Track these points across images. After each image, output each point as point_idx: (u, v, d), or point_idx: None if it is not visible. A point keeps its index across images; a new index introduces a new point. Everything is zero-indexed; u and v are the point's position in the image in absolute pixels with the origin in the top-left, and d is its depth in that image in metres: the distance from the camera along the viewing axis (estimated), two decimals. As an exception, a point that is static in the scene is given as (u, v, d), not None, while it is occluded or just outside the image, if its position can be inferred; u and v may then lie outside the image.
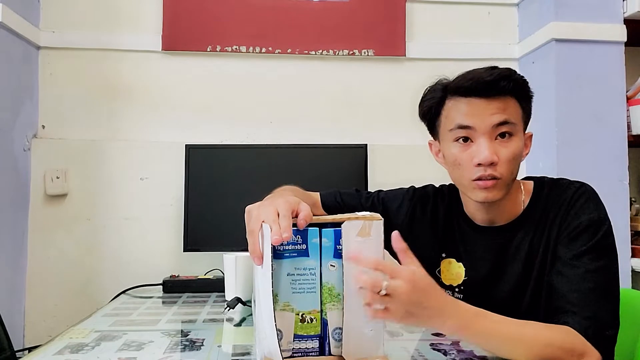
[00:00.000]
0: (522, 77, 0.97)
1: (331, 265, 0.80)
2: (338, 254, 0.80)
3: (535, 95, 1.65)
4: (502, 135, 0.94)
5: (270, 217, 0.76)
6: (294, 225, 0.78)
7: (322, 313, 0.81)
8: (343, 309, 0.79)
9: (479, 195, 0.96)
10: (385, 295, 0.72)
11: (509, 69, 0.96)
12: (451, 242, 1.09)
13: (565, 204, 0.96)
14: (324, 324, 0.80)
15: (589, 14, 1.76)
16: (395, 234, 0.77)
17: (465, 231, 1.07)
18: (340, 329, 0.80)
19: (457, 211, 1.10)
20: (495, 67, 0.96)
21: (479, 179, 0.94)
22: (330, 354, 0.80)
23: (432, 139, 1.07)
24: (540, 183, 1.03)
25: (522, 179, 1.08)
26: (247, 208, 0.82)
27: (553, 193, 1.00)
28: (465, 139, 0.96)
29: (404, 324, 0.78)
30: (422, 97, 1.04)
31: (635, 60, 1.91)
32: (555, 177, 1.05)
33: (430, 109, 1.02)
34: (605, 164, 1.74)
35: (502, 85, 0.93)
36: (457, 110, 0.96)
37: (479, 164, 0.93)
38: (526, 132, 1.01)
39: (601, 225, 0.93)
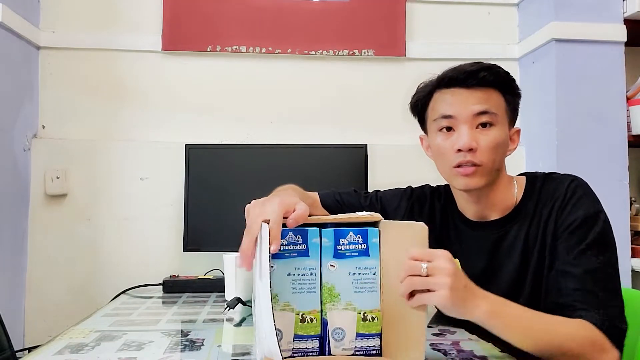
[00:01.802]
0: (507, 72, 1.00)
1: (331, 265, 0.80)
2: (338, 254, 0.80)
3: (535, 95, 1.66)
4: (484, 125, 0.97)
5: (258, 221, 0.77)
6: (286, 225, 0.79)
7: (322, 313, 0.81)
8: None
9: (460, 182, 0.99)
10: (427, 277, 0.75)
11: (493, 64, 0.99)
12: (447, 240, 1.10)
13: (560, 199, 0.97)
14: (324, 324, 0.80)
15: (589, 14, 1.77)
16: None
17: (460, 229, 1.09)
18: (341, 328, 0.80)
19: (451, 209, 1.11)
20: (480, 62, 0.99)
21: (459, 165, 0.97)
22: (330, 354, 0.80)
23: (423, 134, 1.11)
24: (533, 177, 1.05)
25: (517, 175, 1.09)
26: (247, 208, 0.82)
27: (546, 187, 1.01)
28: (449, 129, 0.99)
29: (450, 307, 0.77)
30: (415, 92, 1.08)
31: (635, 60, 1.91)
32: (547, 172, 1.06)
33: (418, 102, 1.07)
34: (605, 164, 1.74)
35: (482, 76, 0.96)
36: (441, 101, 1.00)
37: (459, 150, 0.96)
38: (514, 127, 1.03)
39: (598, 218, 0.94)
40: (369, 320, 0.81)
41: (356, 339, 0.81)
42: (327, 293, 0.80)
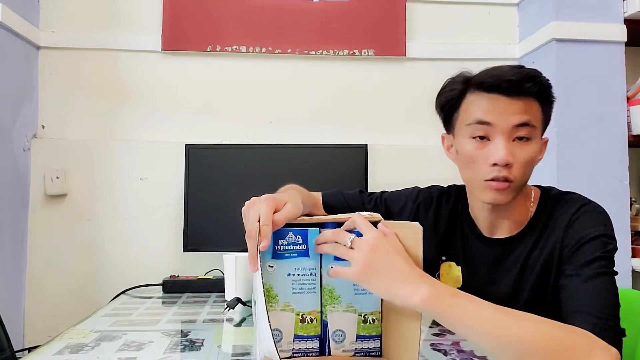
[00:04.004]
0: (548, 80, 0.94)
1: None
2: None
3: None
4: (520, 137, 0.92)
5: (255, 222, 0.76)
6: (292, 224, 0.79)
7: (322, 315, 0.80)
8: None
9: (488, 196, 0.93)
10: (350, 249, 0.76)
11: (535, 70, 0.93)
12: (451, 245, 1.08)
13: (567, 221, 0.93)
14: (324, 325, 0.80)
15: (589, 14, 1.76)
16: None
17: (468, 237, 1.06)
18: (341, 330, 0.80)
19: (462, 214, 1.08)
20: (522, 67, 0.93)
21: (492, 179, 0.92)
22: (330, 355, 0.80)
23: (445, 132, 1.05)
24: (546, 195, 1.00)
25: (533, 186, 1.05)
26: (242, 210, 0.82)
27: (557, 208, 0.97)
28: (482, 137, 0.93)
29: (367, 283, 0.75)
30: (442, 89, 1.01)
31: (635, 60, 1.91)
32: (563, 191, 1.01)
33: (449, 101, 0.99)
34: (605, 164, 1.74)
35: (526, 87, 0.90)
36: (477, 105, 0.93)
37: (495, 164, 0.91)
38: (543, 137, 0.98)
39: (609, 241, 0.88)
40: (370, 322, 0.81)
41: (356, 340, 0.80)
42: (327, 295, 0.80)
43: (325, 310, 0.80)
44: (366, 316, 0.81)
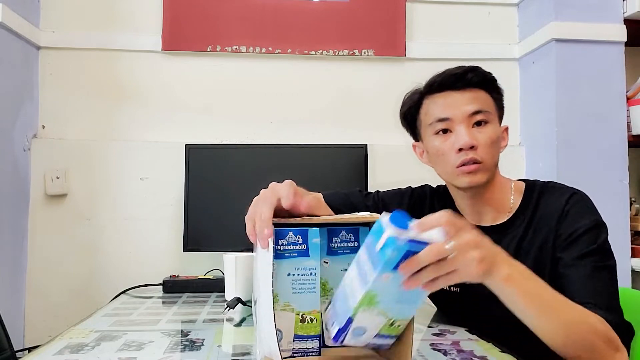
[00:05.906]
0: (489, 72, 1.04)
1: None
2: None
3: (535, 95, 1.66)
4: (478, 123, 1.00)
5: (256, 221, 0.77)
6: (292, 225, 0.79)
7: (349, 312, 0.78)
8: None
9: (463, 180, 1.00)
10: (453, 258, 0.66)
11: (475, 65, 1.03)
12: None
13: (559, 211, 0.98)
14: (349, 321, 0.77)
15: (589, 14, 1.77)
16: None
17: None
18: (363, 328, 0.75)
19: (450, 208, 1.11)
20: (462, 65, 1.03)
21: (461, 164, 0.99)
22: (325, 346, 0.80)
23: (414, 142, 1.14)
24: (532, 185, 1.06)
25: (516, 180, 1.10)
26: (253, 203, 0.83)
27: (544, 197, 1.02)
28: (445, 131, 1.02)
29: (489, 276, 0.71)
30: (402, 102, 1.12)
31: (635, 60, 1.91)
32: (546, 181, 1.07)
33: (410, 109, 1.09)
34: (605, 164, 1.74)
35: (469, 78, 1.01)
36: (434, 106, 1.04)
37: (460, 149, 0.98)
38: (502, 125, 1.06)
39: (601, 230, 0.95)
40: (396, 327, 0.76)
41: (374, 337, 0.76)
42: (367, 300, 0.71)
43: (356, 311, 0.72)
44: (394, 322, 0.76)
